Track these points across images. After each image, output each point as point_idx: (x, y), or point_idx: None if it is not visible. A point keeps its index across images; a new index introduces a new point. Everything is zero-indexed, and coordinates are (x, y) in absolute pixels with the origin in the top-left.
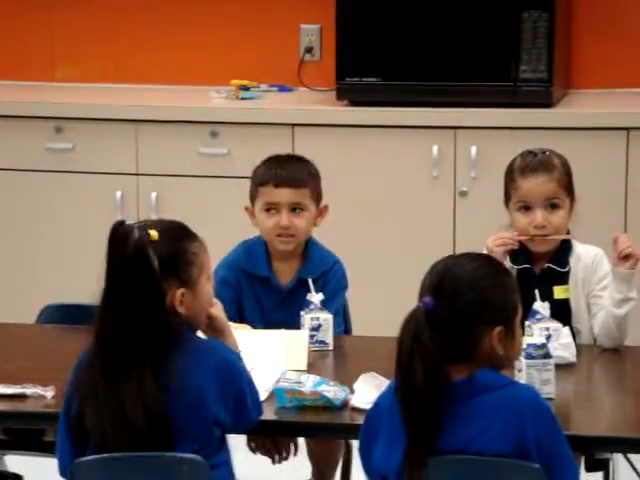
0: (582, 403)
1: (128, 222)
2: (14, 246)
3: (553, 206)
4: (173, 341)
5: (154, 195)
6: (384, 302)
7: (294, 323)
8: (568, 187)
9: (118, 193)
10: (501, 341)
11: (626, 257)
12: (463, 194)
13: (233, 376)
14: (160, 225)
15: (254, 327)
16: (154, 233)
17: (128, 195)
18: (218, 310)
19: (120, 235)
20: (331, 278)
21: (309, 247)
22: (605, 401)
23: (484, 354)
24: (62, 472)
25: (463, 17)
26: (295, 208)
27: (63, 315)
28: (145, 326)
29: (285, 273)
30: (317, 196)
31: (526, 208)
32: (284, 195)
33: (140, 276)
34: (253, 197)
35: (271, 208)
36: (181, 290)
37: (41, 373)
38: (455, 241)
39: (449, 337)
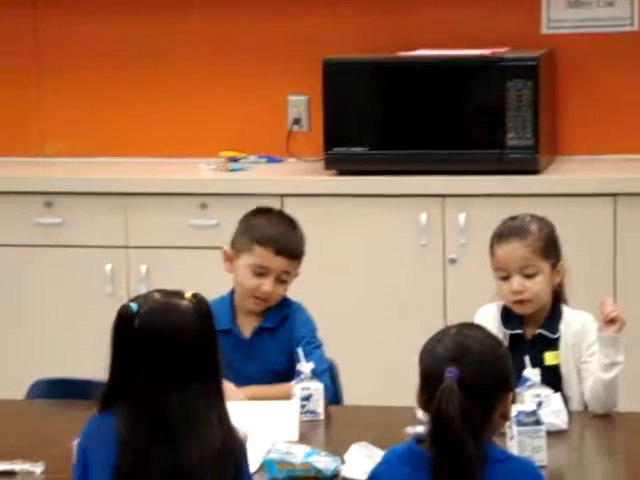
0: (574, 470)
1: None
2: (3, 321)
3: (528, 273)
4: None
5: (144, 268)
6: (375, 371)
7: (267, 379)
8: (545, 252)
9: (108, 266)
10: (510, 406)
11: (612, 321)
12: (452, 261)
13: None
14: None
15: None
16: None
17: (118, 268)
18: None
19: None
20: (296, 324)
21: None
22: (597, 468)
23: (494, 422)
24: None
25: (449, 86)
26: (282, 278)
27: (53, 390)
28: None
29: (249, 325)
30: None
31: (505, 276)
32: (279, 263)
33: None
34: (240, 247)
35: (260, 272)
36: None
37: (31, 449)
38: (446, 308)
39: (478, 406)
